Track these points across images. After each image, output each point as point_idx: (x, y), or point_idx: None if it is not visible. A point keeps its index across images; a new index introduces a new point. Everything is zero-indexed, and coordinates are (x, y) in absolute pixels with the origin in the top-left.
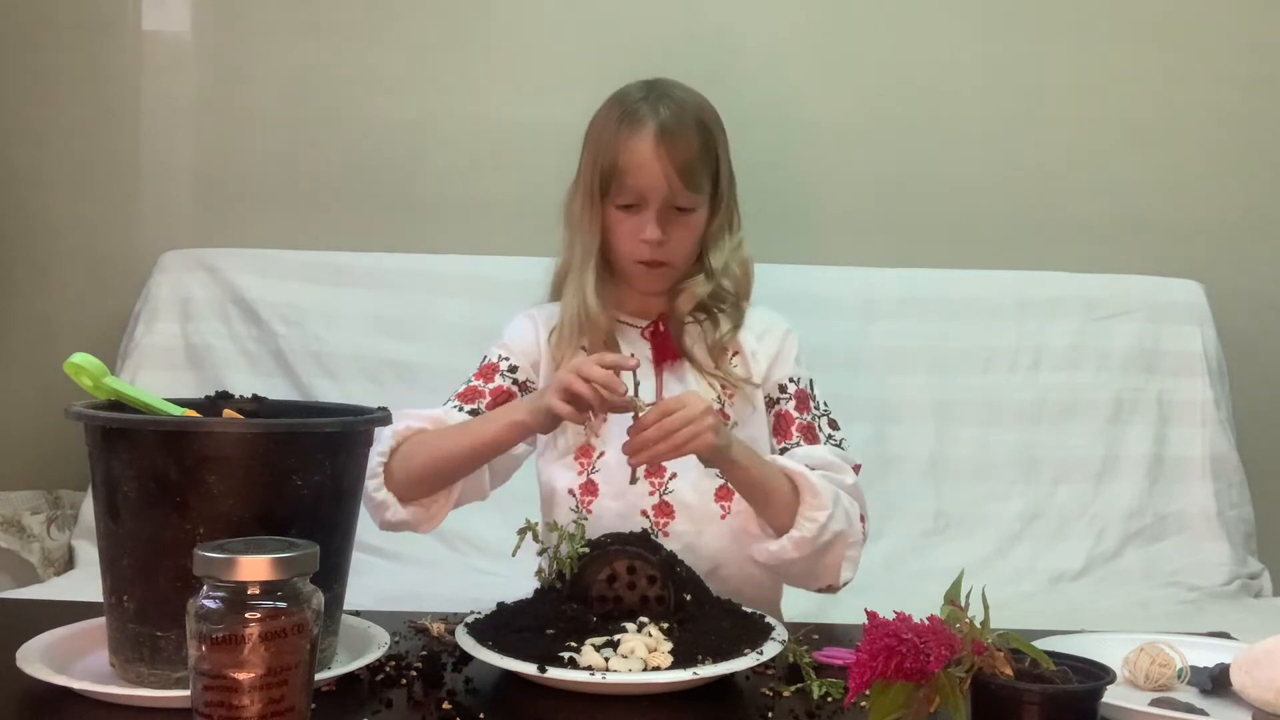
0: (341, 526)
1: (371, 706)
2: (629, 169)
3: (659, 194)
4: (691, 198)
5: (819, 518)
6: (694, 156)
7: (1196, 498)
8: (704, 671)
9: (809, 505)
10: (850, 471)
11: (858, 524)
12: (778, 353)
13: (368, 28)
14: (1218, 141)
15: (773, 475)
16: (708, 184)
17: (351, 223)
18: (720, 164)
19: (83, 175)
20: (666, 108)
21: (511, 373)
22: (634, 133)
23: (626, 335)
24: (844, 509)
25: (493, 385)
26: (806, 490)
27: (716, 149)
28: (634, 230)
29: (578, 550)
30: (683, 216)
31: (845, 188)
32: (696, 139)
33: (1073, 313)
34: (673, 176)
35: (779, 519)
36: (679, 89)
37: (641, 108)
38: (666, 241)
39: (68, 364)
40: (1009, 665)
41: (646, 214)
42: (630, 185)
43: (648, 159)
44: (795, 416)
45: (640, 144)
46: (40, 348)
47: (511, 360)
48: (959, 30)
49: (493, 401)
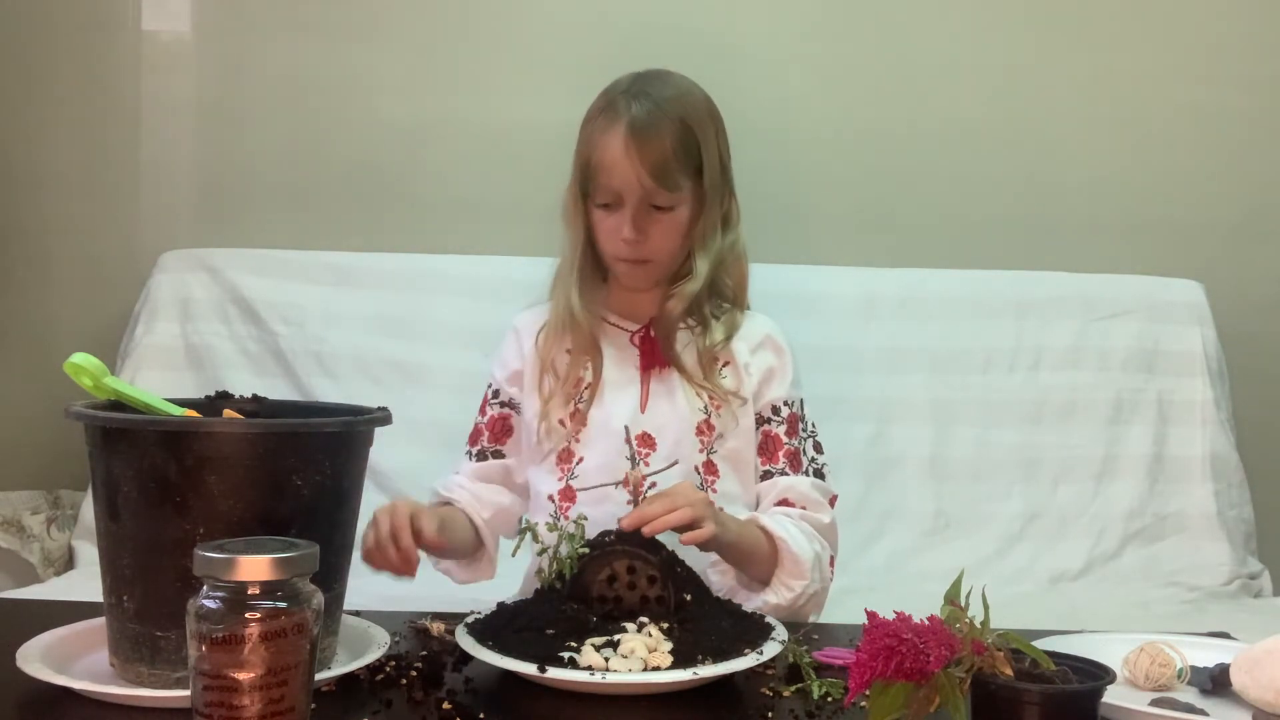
0: (341, 526)
1: (371, 706)
2: (602, 168)
3: (633, 193)
4: (669, 196)
5: (795, 586)
6: (668, 155)
7: (1196, 498)
8: (704, 671)
9: (787, 572)
10: (827, 508)
11: (828, 572)
12: (773, 370)
13: (368, 28)
14: (1218, 141)
15: (755, 540)
16: (687, 181)
17: (351, 223)
18: (706, 160)
19: (83, 175)
20: (641, 104)
21: (496, 398)
22: (607, 130)
23: (615, 340)
24: (820, 569)
25: (486, 418)
26: (787, 557)
27: (699, 144)
28: (614, 229)
29: (578, 550)
30: (661, 215)
31: (845, 188)
32: (671, 136)
33: (1073, 313)
34: (644, 176)
35: (759, 574)
36: (666, 82)
37: (618, 102)
38: (645, 241)
39: (68, 364)
40: (1009, 665)
41: (624, 213)
42: (604, 184)
43: (619, 158)
44: (784, 441)
45: (612, 142)
46: (40, 348)
47: (495, 385)
48: (959, 30)
49: (490, 435)
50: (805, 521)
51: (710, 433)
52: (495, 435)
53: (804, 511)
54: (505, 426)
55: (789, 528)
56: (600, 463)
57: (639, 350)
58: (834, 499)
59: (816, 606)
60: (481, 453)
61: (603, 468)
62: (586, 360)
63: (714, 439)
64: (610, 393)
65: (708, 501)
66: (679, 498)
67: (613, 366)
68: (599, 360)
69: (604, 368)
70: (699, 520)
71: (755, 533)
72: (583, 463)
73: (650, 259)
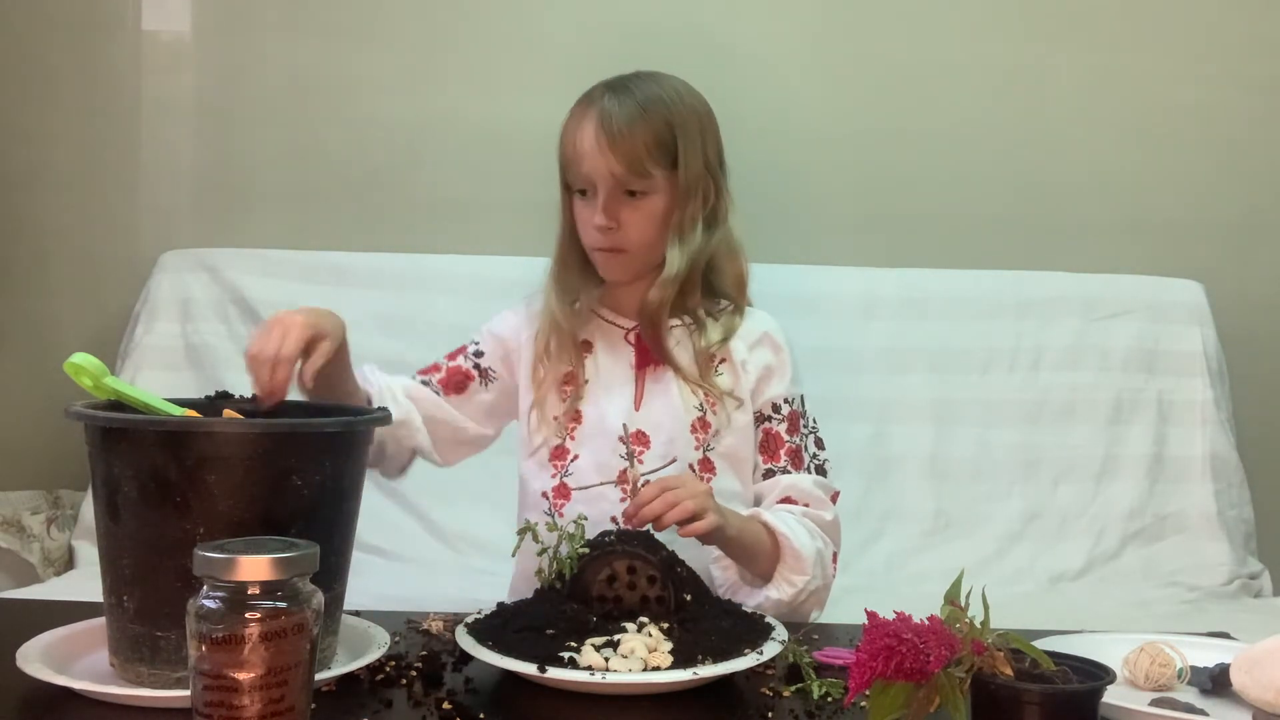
0: (341, 526)
1: (371, 706)
2: (575, 155)
3: (604, 178)
4: (639, 182)
5: (797, 582)
6: (636, 141)
7: (1196, 498)
8: (704, 671)
9: (789, 567)
10: (829, 505)
11: (830, 568)
12: (771, 368)
13: (368, 28)
14: (1218, 141)
15: (757, 534)
16: (660, 170)
17: (351, 223)
18: (683, 151)
19: (83, 175)
20: (616, 94)
21: (477, 357)
22: (581, 119)
23: (610, 337)
24: (822, 566)
25: (453, 364)
26: (789, 553)
27: (675, 136)
28: (589, 218)
29: (578, 550)
30: (635, 201)
31: (844, 187)
32: (642, 123)
33: (1073, 313)
34: (612, 161)
35: (761, 569)
36: (649, 79)
37: (594, 93)
38: (617, 228)
39: (68, 364)
40: (1009, 665)
41: (597, 199)
42: (577, 171)
43: (589, 145)
44: (785, 439)
45: (584, 128)
46: (40, 348)
47: (480, 346)
48: (959, 30)
49: (446, 378)
50: (808, 518)
51: (706, 430)
52: (449, 382)
53: (806, 509)
54: (463, 383)
55: (791, 524)
56: (595, 461)
57: (634, 348)
58: (836, 495)
59: (818, 603)
60: (426, 382)
61: (598, 466)
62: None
63: (710, 436)
64: (604, 390)
65: (709, 493)
66: (681, 490)
67: (607, 364)
68: (582, 358)
69: (598, 365)
70: (701, 512)
71: (757, 528)
72: (577, 460)
73: (624, 248)
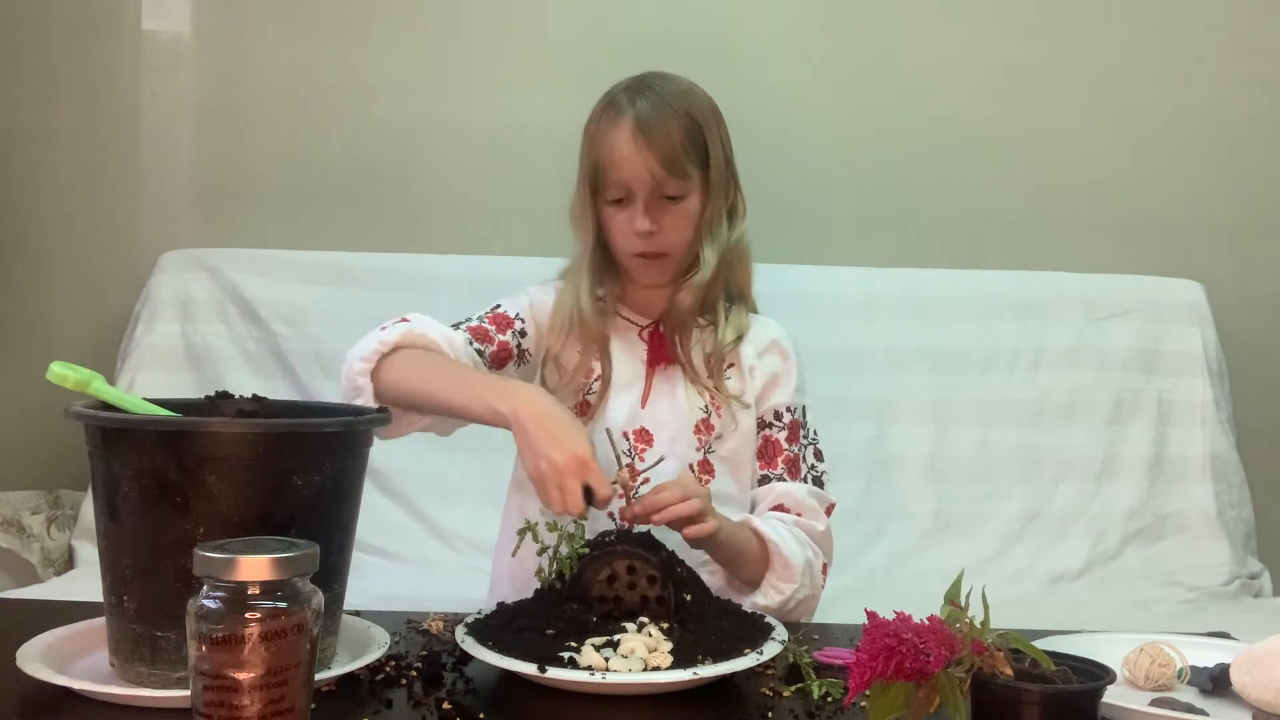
0: (341, 526)
1: (371, 706)
2: (612, 164)
3: (644, 185)
4: (679, 185)
5: (785, 590)
6: (675, 143)
7: (1196, 498)
8: (704, 671)
9: (777, 575)
10: (823, 516)
11: (819, 578)
12: (777, 376)
13: (367, 28)
14: (1218, 141)
15: (746, 540)
16: (696, 170)
17: (351, 223)
18: (711, 151)
19: (83, 175)
20: (645, 99)
21: (520, 336)
22: (613, 126)
23: (624, 334)
24: (811, 575)
25: (503, 339)
26: (777, 560)
27: (704, 135)
28: (626, 224)
29: (578, 550)
30: (673, 205)
31: (846, 188)
32: (678, 125)
33: (1073, 313)
34: (654, 165)
35: (748, 575)
36: (665, 80)
37: (621, 100)
38: (659, 231)
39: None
40: (1009, 665)
41: (636, 206)
42: (615, 179)
43: (628, 150)
44: (784, 447)
45: (620, 136)
46: (40, 348)
47: (524, 325)
48: (959, 30)
49: (496, 353)
50: (799, 528)
51: (709, 432)
52: (497, 357)
53: (798, 518)
54: (505, 360)
55: (781, 531)
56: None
57: (646, 345)
58: (831, 508)
59: (806, 612)
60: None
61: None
62: (596, 359)
63: (712, 438)
64: (615, 389)
65: (709, 496)
66: (688, 489)
67: (621, 361)
68: (609, 359)
69: (613, 363)
70: (704, 514)
71: (746, 534)
72: None
73: (665, 251)
